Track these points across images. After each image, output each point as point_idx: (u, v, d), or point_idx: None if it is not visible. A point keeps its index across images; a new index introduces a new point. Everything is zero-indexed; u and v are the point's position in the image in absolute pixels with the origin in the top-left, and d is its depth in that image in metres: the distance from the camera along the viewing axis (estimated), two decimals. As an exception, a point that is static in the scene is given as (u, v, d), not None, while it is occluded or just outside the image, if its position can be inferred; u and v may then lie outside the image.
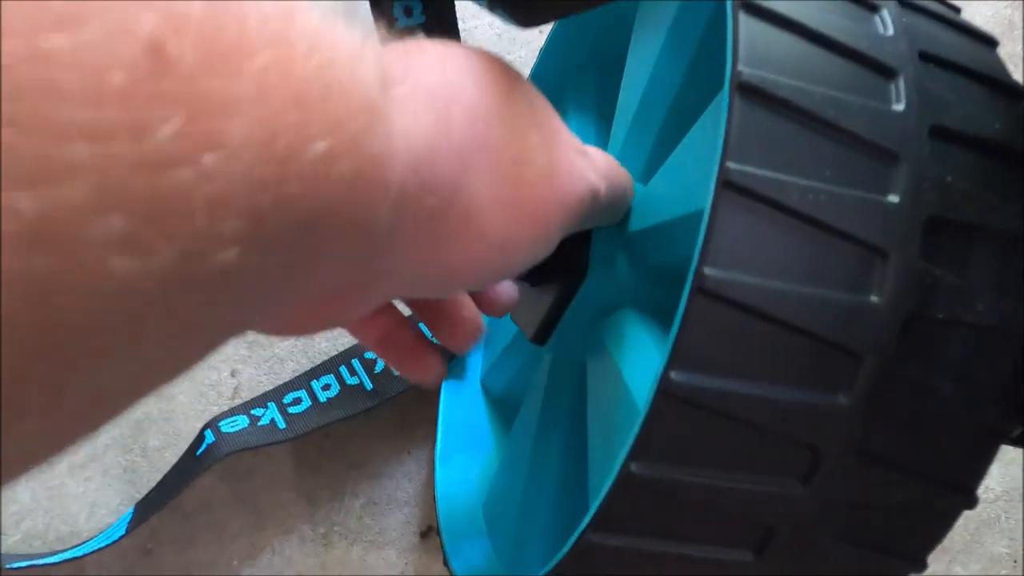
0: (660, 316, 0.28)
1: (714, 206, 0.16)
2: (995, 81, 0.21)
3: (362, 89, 0.12)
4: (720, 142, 0.17)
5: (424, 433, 0.49)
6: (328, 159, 0.11)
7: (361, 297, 0.18)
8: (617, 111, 0.33)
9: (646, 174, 0.32)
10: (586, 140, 0.40)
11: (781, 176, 0.17)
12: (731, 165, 0.16)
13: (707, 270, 0.16)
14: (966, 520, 0.64)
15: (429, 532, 0.47)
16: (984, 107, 0.20)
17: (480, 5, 0.23)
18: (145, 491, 0.43)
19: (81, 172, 0.08)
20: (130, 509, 0.43)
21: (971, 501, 0.20)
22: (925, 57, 0.20)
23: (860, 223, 0.17)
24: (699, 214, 0.17)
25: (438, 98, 0.16)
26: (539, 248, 0.20)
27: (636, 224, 0.27)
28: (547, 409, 0.34)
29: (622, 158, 0.33)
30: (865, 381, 0.17)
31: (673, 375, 0.17)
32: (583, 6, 0.22)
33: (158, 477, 0.43)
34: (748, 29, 0.18)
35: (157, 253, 0.09)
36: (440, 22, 0.35)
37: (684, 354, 0.17)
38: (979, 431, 0.19)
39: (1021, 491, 0.66)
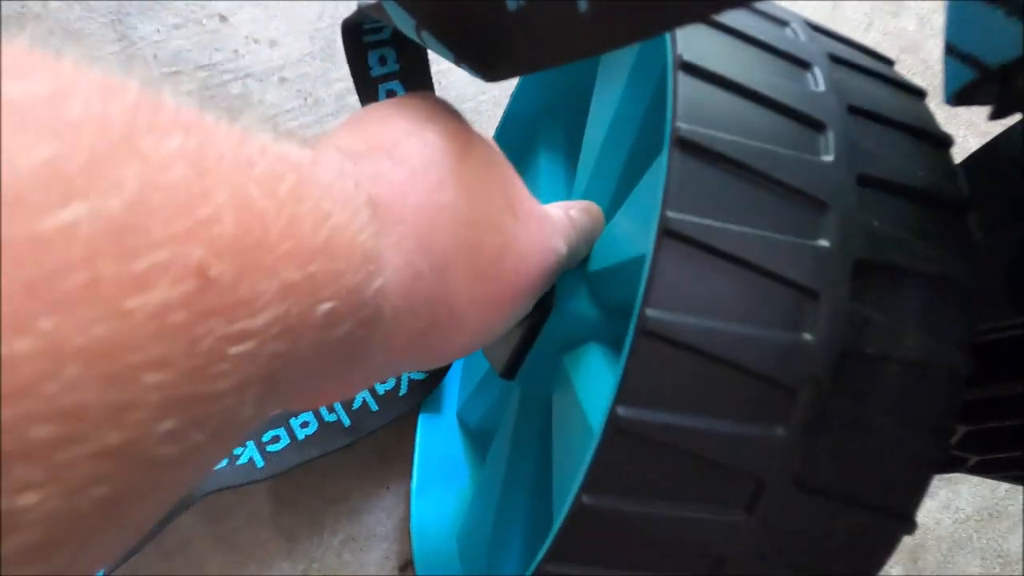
0: (621, 350, 0.29)
1: (656, 252, 0.18)
2: (921, 131, 0.23)
3: (361, 245, 0.14)
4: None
5: (402, 468, 0.49)
6: (333, 316, 0.13)
7: (354, 387, 0.19)
8: (582, 152, 0.35)
9: (609, 213, 0.33)
10: (556, 179, 0.42)
11: (717, 223, 0.18)
12: (670, 214, 0.18)
13: (649, 312, 0.17)
14: (938, 541, 0.66)
15: (408, 567, 0.48)
16: (910, 156, 0.22)
17: (448, 60, 0.25)
18: (121, 530, 0.43)
19: (145, 402, 0.09)
20: (106, 549, 0.43)
21: (909, 527, 0.21)
22: (854, 111, 0.22)
23: (792, 266, 0.18)
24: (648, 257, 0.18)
25: (422, 218, 0.17)
26: (515, 319, 0.22)
27: (597, 264, 0.29)
28: (517, 442, 0.35)
29: (588, 192, 0.34)
30: (801, 414, 0.19)
31: (620, 410, 0.18)
32: (543, 65, 0.23)
33: (135, 516, 0.43)
34: (686, 88, 0.19)
35: (193, 439, 0.10)
36: (414, 70, 0.37)
37: (630, 391, 0.18)
38: (912, 460, 0.20)
39: (991, 511, 0.67)
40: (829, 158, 0.20)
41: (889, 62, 0.27)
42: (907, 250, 0.20)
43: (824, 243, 0.19)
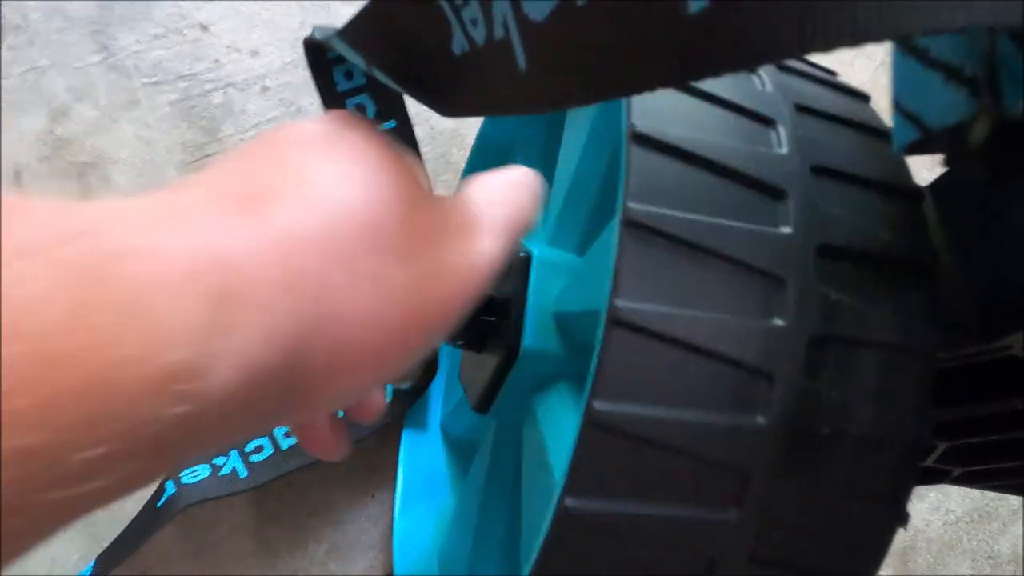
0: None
1: (604, 341, 0.17)
2: (888, 186, 0.22)
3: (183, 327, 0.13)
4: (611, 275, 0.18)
5: (387, 477, 0.49)
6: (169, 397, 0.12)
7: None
8: (554, 184, 0.34)
9: (582, 243, 0.33)
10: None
11: (667, 309, 0.18)
12: (618, 303, 0.17)
13: (596, 404, 0.17)
14: (928, 543, 0.66)
15: (393, 576, 0.48)
16: (874, 216, 0.21)
17: (409, 95, 0.24)
18: (105, 544, 0.44)
19: None
20: (90, 564, 0.43)
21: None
22: (817, 171, 0.21)
23: (745, 348, 0.18)
24: None
25: (307, 268, 0.15)
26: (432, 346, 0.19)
27: (565, 306, 0.28)
28: (493, 470, 0.35)
29: (560, 224, 0.33)
30: (753, 496, 0.18)
31: (568, 501, 0.18)
32: (489, 112, 0.22)
33: (118, 530, 0.44)
34: (638, 161, 0.19)
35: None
36: (382, 83, 0.36)
37: (579, 481, 0.18)
38: (867, 531, 0.20)
39: (980, 513, 0.67)
40: (788, 230, 0.19)
41: (864, 98, 0.27)
42: (864, 321, 0.20)
43: (779, 321, 0.19)
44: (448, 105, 0.21)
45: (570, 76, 0.15)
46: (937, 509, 0.66)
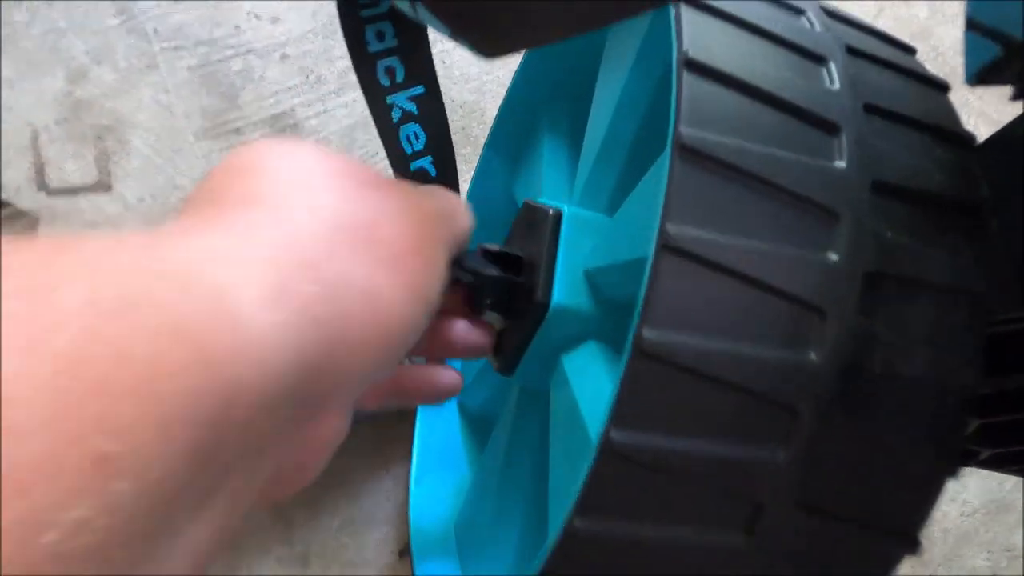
0: (622, 349, 0.28)
1: (654, 268, 0.17)
2: (941, 130, 0.22)
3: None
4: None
5: (402, 452, 0.49)
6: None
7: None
8: (585, 140, 0.34)
9: (611, 205, 0.32)
10: (559, 164, 0.41)
11: (719, 237, 0.17)
12: (670, 228, 0.17)
13: (646, 332, 0.17)
14: (944, 534, 0.65)
15: (407, 551, 0.48)
16: (927, 158, 0.21)
17: (444, 34, 0.23)
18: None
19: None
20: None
21: (914, 546, 0.20)
22: (870, 109, 0.20)
23: (798, 282, 0.17)
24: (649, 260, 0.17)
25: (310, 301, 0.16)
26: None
27: (597, 261, 0.28)
28: (515, 436, 0.35)
29: (588, 187, 0.33)
30: (802, 435, 0.18)
31: (614, 434, 0.17)
32: (545, 39, 0.22)
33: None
34: (691, 88, 0.18)
35: None
36: (412, 47, 0.35)
37: (625, 414, 0.17)
38: (918, 479, 0.19)
39: (998, 504, 0.66)
40: (842, 164, 0.19)
41: (910, 51, 0.26)
42: (919, 260, 0.19)
43: (833, 256, 0.18)
44: (495, 41, 0.21)
45: None
46: (954, 500, 0.66)
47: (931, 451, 0.19)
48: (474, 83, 0.54)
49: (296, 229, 0.16)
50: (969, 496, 0.66)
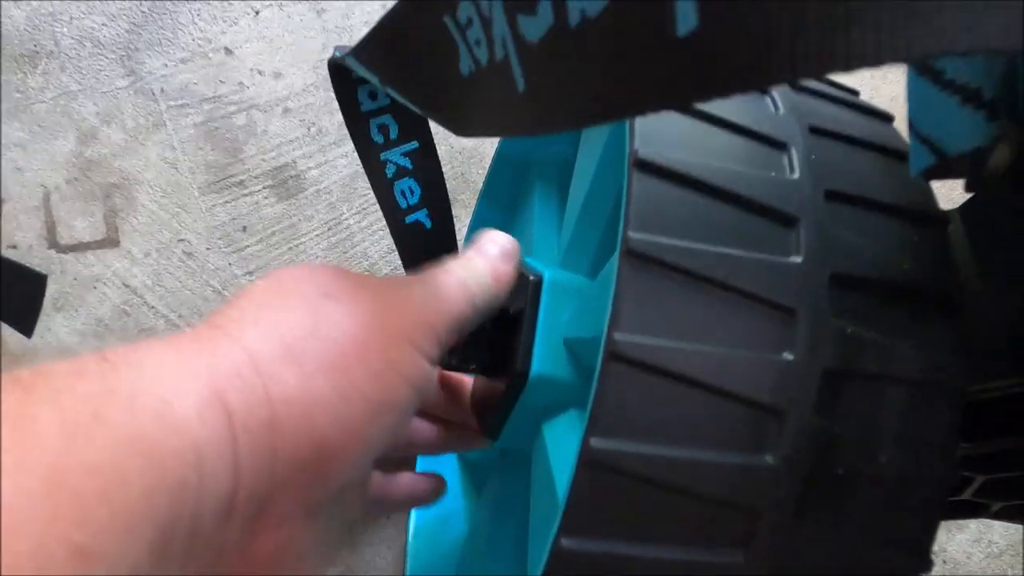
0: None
1: (601, 376, 0.17)
2: (910, 212, 0.21)
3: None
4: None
5: (404, 500, 0.49)
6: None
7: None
8: (569, 199, 0.34)
9: (594, 267, 0.32)
10: (548, 219, 0.41)
11: (668, 342, 0.17)
12: (616, 336, 0.17)
13: (593, 441, 0.16)
14: (968, 576, 0.63)
15: (408, 601, 0.47)
16: (894, 244, 0.20)
17: (423, 115, 0.24)
18: None
19: None
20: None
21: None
22: (832, 196, 0.20)
23: (752, 383, 0.17)
24: None
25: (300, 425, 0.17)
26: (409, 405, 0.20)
27: (575, 331, 0.27)
28: (503, 493, 0.35)
29: (572, 247, 0.33)
30: (764, 539, 0.17)
31: (564, 541, 0.17)
32: (496, 133, 0.22)
33: None
34: (641, 189, 0.18)
35: None
36: (415, 130, 0.36)
37: (574, 521, 0.17)
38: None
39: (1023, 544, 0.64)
40: (798, 259, 0.18)
41: (887, 119, 0.26)
42: (884, 354, 0.19)
43: (788, 355, 0.18)
44: (460, 125, 0.21)
45: (564, 98, 0.15)
46: (978, 541, 0.63)
47: (900, 551, 0.19)
48: (473, 131, 0.54)
49: (240, 346, 0.17)
50: (995, 537, 0.64)
